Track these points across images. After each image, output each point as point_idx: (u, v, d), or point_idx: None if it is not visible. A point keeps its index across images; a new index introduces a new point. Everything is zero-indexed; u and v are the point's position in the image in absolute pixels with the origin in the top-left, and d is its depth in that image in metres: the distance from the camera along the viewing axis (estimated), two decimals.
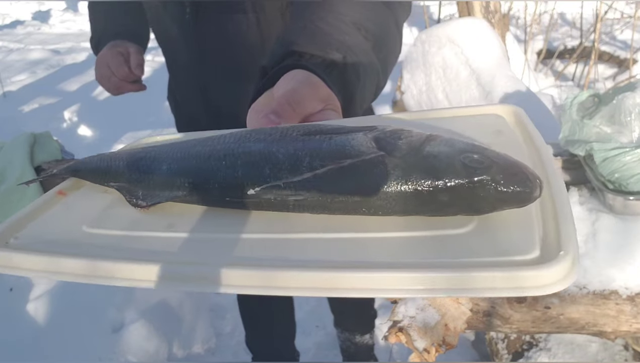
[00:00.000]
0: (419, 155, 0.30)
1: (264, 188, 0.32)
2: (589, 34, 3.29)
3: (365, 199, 0.31)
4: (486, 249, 0.27)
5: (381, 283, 0.26)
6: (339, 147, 0.32)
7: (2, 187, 0.88)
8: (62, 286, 1.29)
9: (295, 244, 0.31)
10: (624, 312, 0.67)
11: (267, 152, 0.33)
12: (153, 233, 0.35)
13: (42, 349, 1.17)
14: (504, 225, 0.29)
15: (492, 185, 0.29)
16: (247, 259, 0.30)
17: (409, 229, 0.30)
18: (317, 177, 0.31)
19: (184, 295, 1.48)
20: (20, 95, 3.28)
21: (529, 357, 0.99)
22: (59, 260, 0.32)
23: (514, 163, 0.30)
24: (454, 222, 0.30)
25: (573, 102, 0.79)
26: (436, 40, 1.82)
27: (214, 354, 1.51)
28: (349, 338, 1.42)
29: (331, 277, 0.27)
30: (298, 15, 0.57)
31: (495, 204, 0.29)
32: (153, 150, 0.40)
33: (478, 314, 0.71)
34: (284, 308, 1.34)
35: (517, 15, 4.02)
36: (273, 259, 0.29)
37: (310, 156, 0.32)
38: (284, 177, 0.32)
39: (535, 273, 0.25)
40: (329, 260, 0.29)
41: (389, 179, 0.30)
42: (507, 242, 0.28)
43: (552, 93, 3.02)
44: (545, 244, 0.27)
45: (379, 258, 0.28)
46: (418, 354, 0.64)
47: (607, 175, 0.70)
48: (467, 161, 0.29)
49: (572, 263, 0.25)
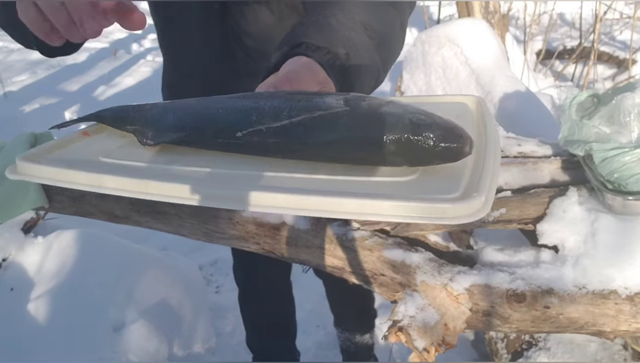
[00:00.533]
0: (377, 111, 0.37)
1: (250, 131, 0.39)
2: (588, 34, 3.30)
3: (329, 145, 0.37)
4: (423, 190, 0.35)
5: (350, 207, 0.33)
6: (314, 103, 0.38)
7: (3, 187, 0.88)
8: (63, 286, 1.29)
9: (272, 180, 0.37)
10: (623, 312, 0.68)
11: (256, 105, 0.40)
12: (155, 165, 0.42)
13: (42, 349, 1.17)
14: (440, 176, 0.37)
15: (431, 139, 0.35)
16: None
17: (368, 175, 0.37)
18: (293, 124, 0.37)
19: (184, 295, 1.49)
20: (21, 95, 3.29)
21: (528, 357, 1.00)
22: (77, 173, 0.41)
23: (452, 124, 0.36)
24: (402, 171, 0.37)
25: (572, 102, 0.79)
26: (436, 40, 1.82)
27: (214, 354, 1.51)
28: (349, 338, 1.43)
29: (319, 201, 0.33)
30: (313, 10, 0.61)
31: (433, 156, 0.35)
32: (164, 103, 0.46)
33: (477, 314, 0.72)
34: (285, 307, 1.34)
35: (516, 15, 4.02)
36: (278, 187, 0.36)
37: (289, 109, 0.38)
38: (267, 123, 0.38)
39: (451, 206, 0.32)
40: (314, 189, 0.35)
41: (349, 127, 0.36)
42: (440, 186, 0.35)
43: (552, 93, 3.02)
44: (466, 189, 0.34)
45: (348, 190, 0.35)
46: (418, 354, 0.64)
47: (606, 175, 0.70)
48: (414, 118, 0.35)
49: (483, 203, 0.32)
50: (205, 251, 1.99)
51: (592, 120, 0.75)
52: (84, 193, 0.88)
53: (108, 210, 0.89)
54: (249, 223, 0.82)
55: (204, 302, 1.58)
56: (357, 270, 0.79)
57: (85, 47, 4.49)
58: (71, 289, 1.28)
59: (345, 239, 0.79)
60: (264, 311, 1.31)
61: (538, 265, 0.72)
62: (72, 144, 0.50)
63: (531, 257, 0.75)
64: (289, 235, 0.82)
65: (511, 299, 0.70)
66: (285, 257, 0.83)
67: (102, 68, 3.81)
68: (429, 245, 0.82)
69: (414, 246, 0.79)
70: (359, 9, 0.59)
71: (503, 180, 0.80)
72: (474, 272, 0.73)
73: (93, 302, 1.27)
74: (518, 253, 0.76)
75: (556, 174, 0.83)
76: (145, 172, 0.40)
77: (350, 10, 0.58)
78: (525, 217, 0.76)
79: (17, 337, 1.19)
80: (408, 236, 0.80)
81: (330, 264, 0.80)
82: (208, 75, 0.87)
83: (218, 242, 0.86)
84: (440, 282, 0.72)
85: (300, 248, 0.81)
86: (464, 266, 0.75)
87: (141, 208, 0.87)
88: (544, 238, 0.73)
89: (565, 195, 0.75)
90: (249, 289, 1.30)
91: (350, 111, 0.37)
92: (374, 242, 0.78)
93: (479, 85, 1.62)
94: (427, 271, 0.73)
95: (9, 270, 1.34)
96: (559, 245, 0.72)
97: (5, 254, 1.35)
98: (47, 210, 0.97)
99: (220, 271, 1.93)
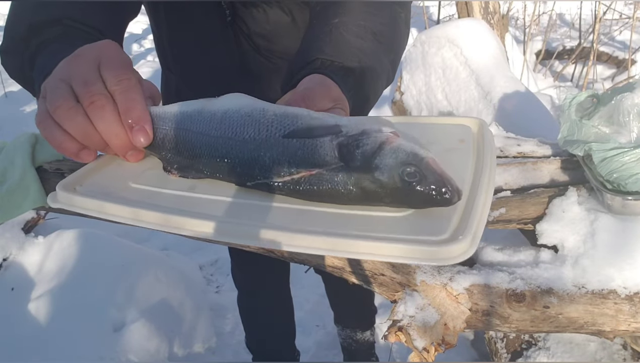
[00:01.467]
0: (369, 167, 0.40)
1: (257, 183, 0.43)
2: (588, 34, 3.30)
3: (328, 195, 0.41)
4: (415, 229, 0.38)
5: (350, 248, 0.37)
6: (310, 155, 0.41)
7: (4, 187, 0.88)
8: (63, 285, 1.29)
9: (280, 212, 0.42)
10: (623, 312, 0.68)
11: (257, 155, 0.43)
12: (179, 192, 0.46)
13: (43, 348, 1.17)
14: (431, 215, 0.39)
15: (421, 193, 0.38)
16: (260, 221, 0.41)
17: (364, 209, 0.41)
18: (294, 181, 0.42)
19: (185, 295, 1.49)
20: (21, 95, 3.28)
21: (527, 356, 1.00)
22: (108, 205, 0.44)
23: (441, 178, 0.38)
24: (396, 209, 0.40)
25: (572, 102, 0.80)
26: (436, 41, 1.83)
27: (214, 353, 1.51)
28: (350, 336, 1.43)
29: (332, 241, 0.37)
30: (322, 17, 0.63)
31: (424, 204, 0.39)
32: (189, 137, 0.48)
33: (477, 313, 0.72)
34: (283, 308, 1.35)
35: (516, 16, 4.02)
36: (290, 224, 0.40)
37: (288, 163, 0.42)
38: (270, 177, 0.42)
39: (439, 249, 0.35)
40: (319, 229, 0.39)
41: (345, 184, 0.40)
42: (430, 226, 0.38)
43: (551, 93, 3.02)
44: (454, 231, 0.37)
45: (345, 230, 0.39)
46: (417, 353, 0.64)
47: (605, 175, 0.71)
48: (404, 175, 0.39)
49: (468, 245, 0.36)
50: (206, 251, 1.99)
51: (592, 120, 0.76)
52: None
53: None
54: None
55: (204, 302, 1.58)
56: (357, 270, 0.79)
57: None
58: (72, 289, 1.28)
59: None
60: (263, 312, 1.32)
61: (537, 265, 0.72)
62: (105, 166, 0.52)
63: (531, 256, 0.75)
64: None
65: (511, 299, 0.70)
66: (285, 257, 0.83)
67: None
68: None
69: None
70: (367, 14, 0.61)
71: (503, 180, 0.80)
72: (473, 271, 0.73)
73: (93, 301, 1.27)
74: (517, 253, 0.76)
75: (556, 174, 0.83)
76: (174, 206, 0.43)
77: (358, 15, 0.60)
78: (525, 217, 0.76)
79: (17, 337, 1.19)
80: None
81: (330, 264, 0.80)
82: (222, 78, 0.87)
83: (218, 242, 0.87)
84: (440, 281, 0.72)
85: None
86: (463, 266, 0.75)
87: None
88: (544, 238, 0.73)
89: (564, 195, 0.75)
90: (247, 291, 1.30)
91: (345, 168, 0.40)
92: None
93: (479, 85, 1.62)
94: (426, 271, 0.73)
95: (10, 270, 1.34)
96: (559, 245, 0.73)
97: (6, 254, 1.35)
98: (48, 210, 0.97)
99: (221, 271, 1.93)
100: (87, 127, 0.44)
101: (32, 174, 0.89)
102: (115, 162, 0.53)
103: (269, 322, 1.33)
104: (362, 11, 0.61)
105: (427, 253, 0.35)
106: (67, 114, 0.43)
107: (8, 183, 0.88)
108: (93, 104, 0.43)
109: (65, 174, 0.90)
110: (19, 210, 0.88)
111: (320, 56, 0.56)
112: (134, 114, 0.44)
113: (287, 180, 0.42)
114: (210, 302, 1.66)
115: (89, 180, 0.50)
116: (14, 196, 0.88)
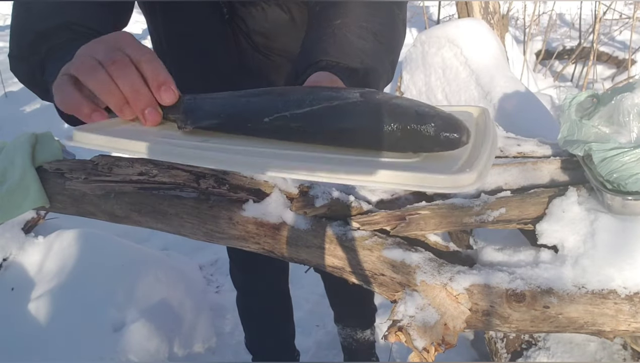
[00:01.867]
0: (388, 103, 0.41)
1: (276, 117, 0.44)
2: (588, 34, 3.30)
3: (344, 131, 0.42)
4: (426, 168, 0.40)
5: (357, 174, 0.38)
6: (333, 94, 0.43)
7: (4, 187, 0.88)
8: (63, 285, 1.29)
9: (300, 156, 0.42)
10: (623, 312, 0.68)
11: (283, 93, 0.46)
12: (192, 142, 0.46)
13: (43, 348, 1.17)
14: (440, 160, 0.41)
15: (433, 128, 0.40)
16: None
17: (377, 156, 0.42)
18: (314, 110, 0.42)
19: (185, 295, 1.49)
20: (21, 95, 3.28)
21: (527, 356, 1.00)
22: (124, 141, 0.44)
23: (453, 117, 0.41)
24: (407, 155, 0.42)
25: (572, 102, 0.80)
26: (435, 41, 1.83)
27: (214, 353, 1.51)
28: (350, 335, 1.43)
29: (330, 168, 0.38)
30: (323, 18, 0.64)
31: (434, 144, 0.40)
32: (199, 95, 0.50)
33: (477, 313, 0.72)
34: (283, 308, 1.35)
35: (516, 16, 4.02)
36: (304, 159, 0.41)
37: (311, 98, 0.43)
38: (291, 110, 0.43)
39: (447, 177, 0.37)
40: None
41: (362, 115, 0.41)
42: (439, 166, 0.40)
43: (551, 93, 3.02)
44: (461, 167, 0.40)
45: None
46: (417, 353, 0.65)
47: (605, 175, 0.71)
48: (419, 110, 0.40)
49: (476, 177, 0.38)
50: (206, 251, 2.00)
51: (592, 120, 0.76)
52: (84, 194, 0.88)
53: (109, 210, 0.89)
54: (249, 223, 0.83)
55: (204, 302, 1.58)
56: (357, 270, 0.79)
57: None
58: (72, 289, 1.29)
59: (345, 239, 0.79)
60: (262, 313, 1.32)
61: (537, 265, 0.72)
62: (123, 124, 0.51)
63: (530, 256, 0.75)
64: (289, 235, 0.82)
65: (511, 299, 0.70)
66: (285, 257, 0.83)
67: None
68: (428, 245, 0.82)
69: (414, 246, 0.79)
70: (367, 15, 0.62)
71: (503, 180, 0.81)
72: (473, 271, 0.73)
73: (93, 301, 1.27)
74: (517, 253, 0.76)
75: (556, 174, 0.83)
76: (188, 145, 0.45)
77: (360, 16, 0.62)
78: (525, 216, 0.76)
79: (17, 337, 1.19)
80: (408, 236, 0.80)
81: (330, 264, 0.81)
82: (221, 76, 0.87)
83: (218, 242, 0.87)
84: (440, 281, 0.72)
85: (300, 248, 0.81)
86: (463, 266, 0.75)
87: (141, 208, 0.87)
88: (544, 238, 0.74)
89: (564, 195, 0.75)
90: (246, 291, 1.31)
91: (364, 102, 0.42)
92: (373, 242, 0.78)
93: (479, 85, 1.62)
94: (426, 271, 0.73)
95: (10, 270, 1.34)
96: (559, 245, 0.73)
97: (6, 254, 1.35)
98: (48, 210, 0.97)
99: (221, 271, 1.93)
100: (109, 84, 0.45)
101: (32, 173, 0.89)
102: (131, 123, 0.52)
103: (268, 322, 1.33)
104: (362, 12, 0.62)
105: (432, 180, 0.37)
106: (88, 70, 0.45)
107: (8, 183, 0.88)
108: (115, 63, 0.44)
109: (65, 173, 0.90)
110: (19, 210, 0.88)
111: (324, 58, 0.57)
112: (160, 77, 0.46)
113: (306, 111, 0.43)
114: (210, 302, 1.66)
115: (103, 129, 0.48)
116: (14, 196, 0.88)
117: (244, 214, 0.83)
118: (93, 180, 0.88)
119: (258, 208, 0.84)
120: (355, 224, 0.80)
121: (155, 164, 0.87)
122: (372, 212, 0.80)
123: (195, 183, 0.84)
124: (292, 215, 0.82)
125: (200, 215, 0.85)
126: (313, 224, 0.82)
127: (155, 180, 0.86)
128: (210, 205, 0.86)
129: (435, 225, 0.78)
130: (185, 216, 0.85)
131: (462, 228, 0.84)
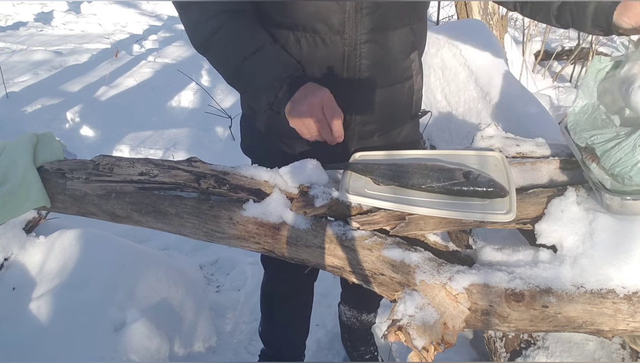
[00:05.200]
0: (474, 181, 0.79)
1: (427, 186, 0.81)
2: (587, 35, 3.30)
3: (458, 192, 0.79)
4: (489, 207, 0.77)
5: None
6: (449, 175, 0.80)
7: (6, 187, 0.88)
8: (64, 285, 1.29)
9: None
10: (621, 311, 0.68)
11: (427, 173, 0.82)
12: (387, 194, 0.85)
13: (44, 348, 1.18)
14: (494, 202, 0.77)
15: (492, 191, 0.77)
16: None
17: (469, 200, 0.80)
18: (445, 186, 0.79)
19: (185, 295, 1.49)
20: (23, 96, 3.29)
21: (527, 356, 1.00)
22: (381, 202, 0.84)
23: (500, 184, 0.78)
24: (483, 200, 0.79)
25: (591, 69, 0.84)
26: (435, 41, 1.83)
27: (214, 353, 1.51)
28: (355, 316, 1.44)
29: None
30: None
31: (496, 196, 0.77)
32: (384, 165, 0.88)
33: (476, 313, 0.72)
34: (305, 303, 1.35)
35: (515, 16, 4.02)
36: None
37: (437, 177, 0.81)
38: (434, 183, 0.80)
39: (498, 216, 0.75)
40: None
41: (465, 186, 0.79)
42: (495, 206, 0.77)
43: (550, 94, 3.02)
44: (508, 210, 0.75)
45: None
46: (417, 353, 0.65)
47: (609, 169, 0.71)
48: (487, 185, 0.78)
49: (513, 214, 0.74)
50: (206, 251, 2.00)
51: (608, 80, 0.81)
52: (85, 194, 0.89)
53: (110, 210, 0.89)
54: (250, 223, 0.83)
55: (204, 302, 1.58)
56: (357, 269, 0.79)
57: (86, 48, 4.49)
58: (72, 288, 1.29)
59: (344, 239, 0.79)
60: (286, 306, 1.31)
61: (536, 264, 0.73)
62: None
63: (530, 256, 0.75)
64: (289, 235, 0.82)
65: (510, 298, 0.70)
66: (286, 257, 0.84)
67: (104, 69, 3.81)
68: (428, 245, 0.83)
69: (413, 246, 0.79)
70: None
71: None
72: (472, 271, 0.73)
73: (94, 301, 1.28)
74: (517, 253, 0.77)
75: (555, 174, 0.83)
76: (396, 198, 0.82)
77: None
78: (524, 216, 0.77)
79: (18, 336, 1.19)
80: (407, 236, 0.81)
81: (330, 264, 0.81)
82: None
83: (219, 242, 0.87)
84: (440, 281, 0.72)
85: (300, 248, 0.82)
86: (462, 265, 0.75)
87: (142, 208, 0.88)
88: (543, 237, 0.74)
89: (563, 195, 0.75)
90: (275, 277, 1.28)
91: (465, 181, 0.79)
92: (373, 242, 0.78)
93: (478, 86, 1.62)
94: (426, 270, 0.74)
95: (11, 270, 1.34)
96: (557, 244, 0.73)
97: (7, 254, 1.35)
98: (49, 210, 0.98)
99: (221, 271, 1.93)
100: (316, 134, 0.85)
101: (33, 173, 0.89)
102: (348, 176, 0.88)
103: (289, 314, 1.33)
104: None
105: (496, 217, 0.75)
106: (307, 129, 0.85)
107: (10, 183, 0.88)
108: (319, 122, 0.83)
109: (66, 173, 0.90)
110: (21, 210, 0.89)
111: None
112: (338, 128, 0.84)
113: (440, 185, 0.79)
114: (210, 302, 1.67)
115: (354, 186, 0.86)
116: (15, 196, 0.88)
117: (244, 214, 0.84)
118: (94, 180, 0.89)
119: (258, 208, 0.84)
120: (355, 224, 0.80)
121: (156, 164, 0.88)
122: (371, 212, 0.81)
123: (195, 184, 0.84)
124: (292, 215, 0.83)
125: (201, 215, 0.85)
126: (313, 224, 0.83)
127: (156, 180, 0.86)
128: (211, 205, 0.86)
129: (435, 225, 0.79)
130: (185, 216, 0.86)
131: (461, 228, 0.84)
